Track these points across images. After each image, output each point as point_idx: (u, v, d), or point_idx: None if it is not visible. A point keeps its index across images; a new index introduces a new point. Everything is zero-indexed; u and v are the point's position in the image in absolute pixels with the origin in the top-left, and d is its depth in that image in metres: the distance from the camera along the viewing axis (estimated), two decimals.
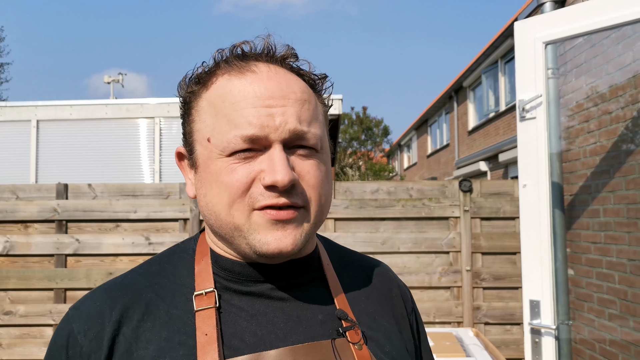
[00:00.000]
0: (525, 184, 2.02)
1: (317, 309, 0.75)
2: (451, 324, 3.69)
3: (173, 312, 0.70)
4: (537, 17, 2.02)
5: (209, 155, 0.69)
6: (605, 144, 2.61)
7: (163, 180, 5.66)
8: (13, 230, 3.80)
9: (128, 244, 3.74)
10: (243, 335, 0.68)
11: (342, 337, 0.72)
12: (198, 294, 0.70)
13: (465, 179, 3.76)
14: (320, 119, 0.73)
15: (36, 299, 3.75)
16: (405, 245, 3.71)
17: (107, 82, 13.93)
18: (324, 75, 0.76)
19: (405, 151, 27.94)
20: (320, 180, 0.70)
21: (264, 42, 0.72)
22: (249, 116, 0.66)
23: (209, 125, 0.69)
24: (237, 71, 0.69)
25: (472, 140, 15.25)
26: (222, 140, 0.67)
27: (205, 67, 0.73)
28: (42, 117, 5.77)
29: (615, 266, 2.51)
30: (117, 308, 0.70)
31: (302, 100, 0.69)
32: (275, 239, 0.67)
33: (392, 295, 0.87)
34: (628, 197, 2.43)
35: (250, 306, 0.72)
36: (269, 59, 0.71)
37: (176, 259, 0.77)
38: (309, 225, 0.70)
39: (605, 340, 2.60)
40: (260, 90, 0.67)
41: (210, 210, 0.70)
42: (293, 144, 0.68)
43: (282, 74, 0.70)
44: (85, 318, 0.70)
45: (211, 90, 0.70)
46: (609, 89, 2.58)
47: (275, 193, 0.66)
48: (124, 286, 0.73)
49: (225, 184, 0.67)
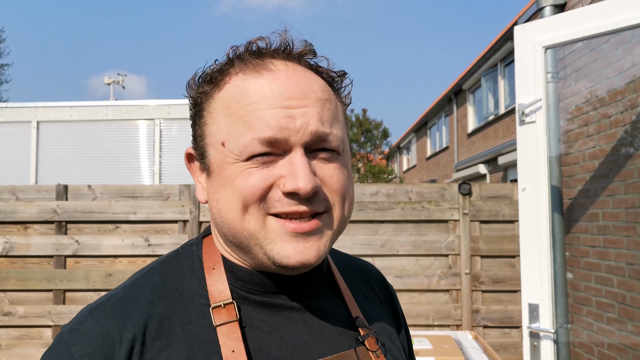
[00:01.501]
0: (525, 187, 2.02)
1: (335, 318, 0.72)
2: (450, 327, 3.69)
3: (189, 327, 0.63)
4: (537, 22, 2.02)
5: (223, 159, 0.64)
6: (605, 147, 2.61)
7: (163, 181, 5.67)
8: (12, 231, 3.81)
9: (127, 245, 3.75)
10: (269, 350, 0.64)
11: (362, 346, 0.70)
12: (216, 307, 0.64)
13: (465, 182, 3.77)
14: (340, 119, 0.68)
15: (35, 300, 3.74)
16: (405, 248, 3.71)
17: (107, 84, 13.95)
18: (343, 72, 0.71)
19: (404, 153, 27.94)
20: (344, 185, 0.66)
21: (281, 38, 0.66)
22: (267, 118, 0.61)
23: (223, 128, 0.64)
24: (252, 69, 0.64)
25: (472, 143, 15.26)
26: (238, 144, 0.62)
27: (217, 65, 0.68)
28: (42, 118, 5.77)
29: (614, 270, 2.51)
30: (126, 327, 0.62)
31: (323, 99, 0.65)
32: (296, 252, 0.62)
33: (387, 296, 0.87)
34: (627, 201, 2.43)
35: (270, 318, 0.67)
36: (287, 55, 0.66)
37: (180, 267, 0.71)
38: (332, 232, 0.66)
39: (603, 343, 2.61)
40: (279, 90, 0.62)
41: (223, 217, 0.65)
42: (315, 147, 0.63)
43: (301, 72, 0.65)
44: (88, 341, 0.60)
45: (225, 91, 0.65)
46: (608, 93, 2.59)
47: (294, 201, 0.61)
48: (129, 301, 0.65)
49: (240, 189, 0.62)
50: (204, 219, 3.77)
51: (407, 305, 3.68)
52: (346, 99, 0.72)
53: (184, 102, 5.84)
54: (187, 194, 3.81)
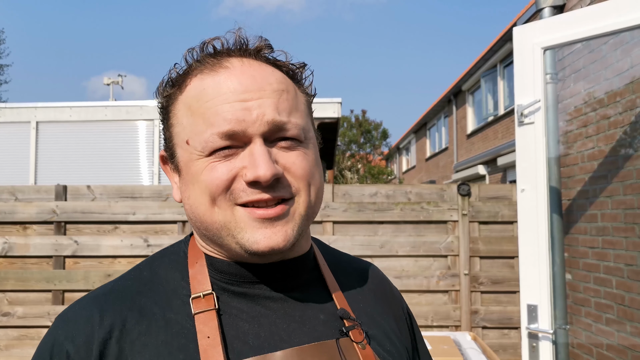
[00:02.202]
0: (524, 188, 2.03)
1: (318, 309, 0.73)
2: (449, 327, 3.69)
3: (169, 316, 0.66)
4: (536, 23, 2.03)
5: (189, 157, 0.67)
6: (604, 149, 2.62)
7: (162, 182, 5.67)
8: (12, 231, 3.80)
9: (126, 245, 3.74)
10: (246, 338, 0.66)
11: (346, 337, 0.70)
12: (195, 297, 0.67)
13: (464, 183, 3.77)
14: (301, 109, 0.70)
15: (34, 300, 3.74)
16: (404, 248, 3.72)
17: (107, 84, 13.94)
18: (302, 64, 0.73)
19: (404, 154, 27.96)
20: (307, 170, 0.68)
21: (235, 36, 0.69)
22: (225, 112, 0.64)
23: (186, 127, 0.67)
24: (209, 69, 0.67)
25: (471, 143, 15.27)
26: (200, 140, 0.65)
27: (178, 69, 0.71)
28: (42, 118, 5.77)
29: (613, 271, 2.52)
30: (107, 314, 0.66)
31: (280, 90, 0.67)
32: (264, 237, 0.64)
33: (387, 296, 0.86)
34: (626, 202, 2.44)
35: (250, 308, 0.69)
36: (242, 52, 0.69)
37: (167, 262, 0.74)
38: (301, 217, 0.68)
39: (602, 344, 2.61)
40: (234, 85, 0.65)
41: (194, 212, 0.68)
42: (274, 136, 0.66)
43: (257, 67, 0.68)
44: (73, 325, 0.66)
45: (186, 92, 0.68)
46: (607, 94, 2.59)
47: (258, 189, 0.64)
48: (114, 292, 0.70)
49: (206, 183, 0.65)
50: None
51: None
52: (309, 89, 0.75)
53: None
54: None
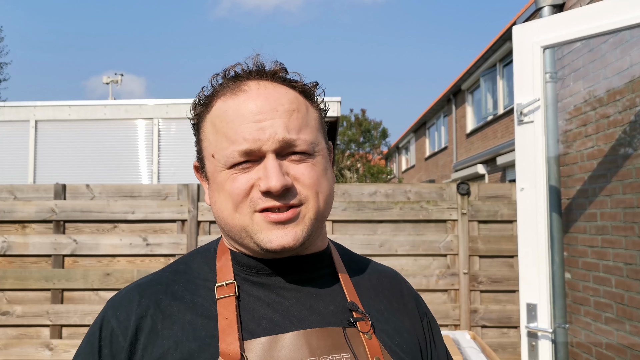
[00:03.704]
0: (523, 187, 2.03)
1: (329, 301, 0.81)
2: (448, 326, 3.69)
3: (197, 300, 0.78)
4: (536, 22, 2.02)
5: (214, 168, 0.78)
6: (603, 147, 2.62)
7: (161, 181, 5.66)
8: (10, 230, 3.80)
9: (126, 244, 3.74)
10: (260, 321, 0.76)
11: (353, 327, 0.78)
12: (219, 285, 0.78)
13: (463, 182, 3.77)
14: (312, 124, 0.80)
15: (33, 299, 3.74)
16: (403, 247, 3.72)
17: (106, 83, 13.91)
18: (315, 83, 0.84)
19: (403, 154, 27.96)
20: (315, 180, 0.77)
21: (253, 62, 0.80)
22: (243, 132, 0.74)
23: (212, 143, 0.79)
24: (230, 92, 0.78)
25: (470, 143, 15.28)
26: (223, 155, 0.76)
27: (205, 91, 0.82)
28: (41, 117, 5.77)
29: (612, 270, 2.51)
30: (146, 296, 0.79)
31: (290, 110, 0.76)
32: (277, 237, 0.75)
33: (403, 295, 0.92)
34: (625, 201, 2.43)
35: (266, 295, 0.79)
36: (259, 75, 0.79)
37: (200, 258, 0.86)
38: (310, 220, 0.77)
39: (601, 343, 2.61)
40: (251, 108, 0.75)
41: (219, 215, 0.80)
42: (285, 151, 0.75)
43: (271, 88, 0.78)
44: (118, 305, 0.79)
45: (212, 112, 0.79)
46: (607, 93, 2.59)
47: (271, 198, 0.74)
48: (153, 281, 0.83)
49: (229, 192, 0.76)
50: (202, 219, 3.77)
51: None
52: (321, 104, 0.85)
53: (182, 102, 5.84)
54: (185, 194, 3.81)
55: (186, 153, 5.75)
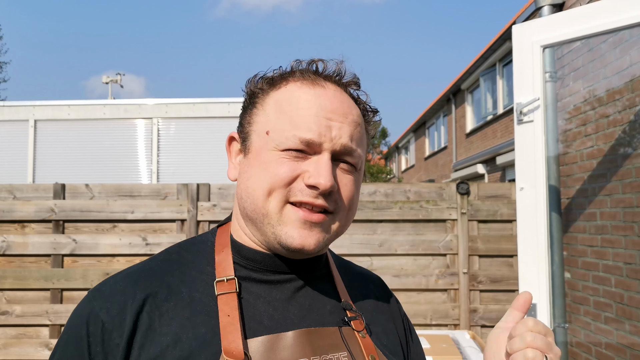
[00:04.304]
0: (523, 187, 2.02)
1: (326, 301, 0.82)
2: (448, 326, 3.69)
3: (195, 294, 0.75)
4: (535, 21, 2.02)
5: (263, 145, 0.76)
6: (602, 147, 2.61)
7: (161, 181, 5.66)
8: (10, 230, 3.80)
9: (125, 244, 3.74)
10: (261, 319, 0.75)
11: (348, 326, 0.79)
12: (219, 281, 0.76)
13: (463, 182, 3.77)
14: (364, 144, 0.82)
15: (32, 299, 3.74)
16: (403, 247, 3.71)
17: (106, 82, 13.91)
18: (375, 109, 0.86)
19: (403, 153, 27.95)
20: (353, 195, 0.79)
21: (337, 66, 0.81)
22: (311, 122, 0.74)
23: (271, 120, 0.77)
24: (309, 82, 0.78)
25: (470, 142, 15.27)
26: (280, 136, 0.74)
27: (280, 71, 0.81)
28: (40, 116, 5.76)
29: (612, 269, 2.51)
30: (140, 288, 0.74)
31: (357, 123, 0.79)
32: (300, 236, 0.74)
33: (388, 299, 0.95)
34: (624, 201, 2.43)
35: (267, 293, 0.78)
36: (337, 81, 0.81)
37: (195, 250, 0.83)
38: (333, 231, 0.78)
39: (601, 343, 2.61)
40: (326, 104, 0.76)
41: (249, 193, 0.77)
42: (340, 157, 0.76)
43: (345, 97, 0.80)
44: (108, 297, 0.74)
45: (281, 91, 0.79)
46: (606, 92, 2.59)
47: (314, 193, 0.73)
48: (146, 270, 0.78)
49: (272, 173, 0.74)
50: (202, 218, 3.76)
51: (405, 305, 3.68)
52: (372, 130, 0.87)
53: (182, 102, 5.83)
54: (185, 193, 3.80)
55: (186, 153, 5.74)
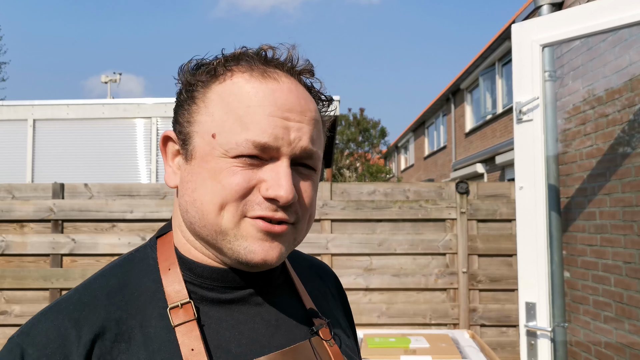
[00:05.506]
0: (522, 186, 2.02)
1: (291, 312, 0.74)
2: (447, 325, 3.69)
3: (148, 330, 0.63)
4: (535, 20, 2.02)
5: (210, 151, 0.65)
6: (602, 146, 2.61)
7: (160, 180, 5.65)
8: (9, 229, 3.79)
9: (124, 244, 3.73)
10: (229, 346, 0.66)
11: (317, 336, 0.73)
12: (173, 307, 0.65)
13: (462, 181, 3.76)
14: (322, 142, 0.72)
15: (31, 298, 3.73)
16: (402, 246, 3.71)
17: (105, 82, 13.89)
18: (330, 98, 0.75)
19: (402, 153, 27.95)
20: (312, 202, 0.70)
21: (288, 53, 0.70)
22: (265, 123, 0.63)
23: (216, 120, 0.65)
24: (259, 74, 0.66)
25: (469, 142, 15.28)
26: (229, 140, 0.63)
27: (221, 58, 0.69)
28: (39, 116, 5.75)
29: (611, 269, 2.51)
30: (84, 329, 0.61)
31: (316, 120, 0.69)
32: (262, 250, 0.65)
33: (337, 291, 0.92)
34: (624, 200, 2.43)
35: (229, 315, 0.69)
36: (289, 70, 0.70)
37: (136, 270, 0.70)
38: (294, 241, 0.70)
39: (600, 342, 2.61)
40: (281, 101, 0.65)
41: (197, 207, 0.65)
42: (299, 161, 0.67)
43: (301, 90, 0.69)
44: (44, 342, 0.59)
45: (225, 85, 0.66)
46: (606, 91, 2.59)
47: (273, 206, 0.64)
48: (84, 304, 0.64)
49: (223, 185, 0.63)
50: None
51: (405, 304, 3.68)
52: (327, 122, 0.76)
53: None
54: None
55: None
